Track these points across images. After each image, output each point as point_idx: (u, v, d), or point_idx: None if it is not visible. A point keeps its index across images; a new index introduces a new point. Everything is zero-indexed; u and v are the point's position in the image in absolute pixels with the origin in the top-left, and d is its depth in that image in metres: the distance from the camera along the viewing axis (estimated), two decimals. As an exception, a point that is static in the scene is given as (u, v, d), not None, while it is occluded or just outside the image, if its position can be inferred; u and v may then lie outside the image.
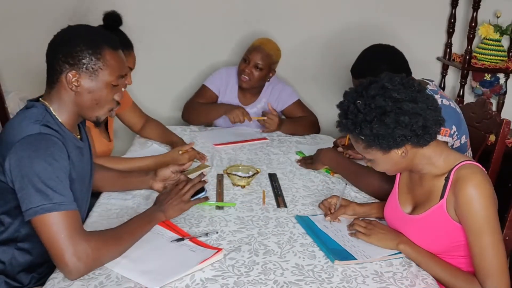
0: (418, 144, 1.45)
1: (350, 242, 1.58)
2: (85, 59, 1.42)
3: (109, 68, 1.46)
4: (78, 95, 1.45)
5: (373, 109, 1.41)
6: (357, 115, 1.43)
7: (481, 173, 1.43)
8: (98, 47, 1.44)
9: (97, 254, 1.33)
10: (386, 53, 2.20)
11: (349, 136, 1.53)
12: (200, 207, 1.78)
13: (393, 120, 1.39)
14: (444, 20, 3.18)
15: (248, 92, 2.70)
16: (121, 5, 3.05)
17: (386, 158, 1.48)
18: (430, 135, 1.44)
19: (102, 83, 1.45)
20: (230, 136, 2.52)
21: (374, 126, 1.40)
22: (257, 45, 2.63)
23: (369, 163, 1.56)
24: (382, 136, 1.41)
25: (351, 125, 1.45)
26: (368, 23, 3.12)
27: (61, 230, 1.29)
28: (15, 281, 1.49)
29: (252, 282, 1.36)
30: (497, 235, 1.40)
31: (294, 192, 1.96)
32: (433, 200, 1.50)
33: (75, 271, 1.30)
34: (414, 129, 1.40)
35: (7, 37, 3.12)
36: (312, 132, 2.67)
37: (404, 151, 1.46)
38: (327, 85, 3.26)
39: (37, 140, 1.34)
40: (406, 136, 1.41)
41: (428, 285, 1.41)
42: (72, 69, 1.42)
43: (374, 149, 1.46)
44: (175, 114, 3.04)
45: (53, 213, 1.29)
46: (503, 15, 3.02)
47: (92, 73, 1.44)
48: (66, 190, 1.34)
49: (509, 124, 2.04)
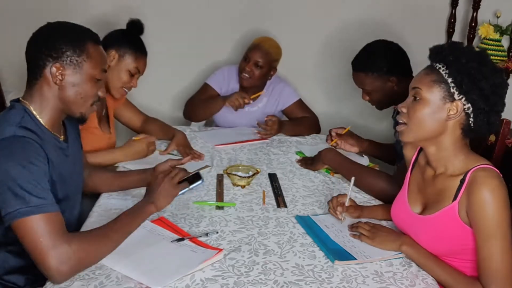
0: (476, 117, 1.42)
1: (350, 243, 1.58)
2: (68, 51, 1.42)
3: (93, 60, 1.46)
4: (62, 89, 1.44)
5: (477, 55, 1.44)
6: (461, 49, 1.45)
7: (497, 177, 1.41)
8: (81, 40, 1.45)
9: (79, 255, 1.30)
10: (387, 50, 2.20)
11: (427, 67, 1.50)
12: (200, 207, 1.78)
13: (489, 73, 1.40)
14: (444, 20, 3.18)
15: (249, 91, 2.70)
16: (121, 4, 3.07)
17: (436, 106, 1.44)
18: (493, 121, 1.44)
19: (86, 75, 1.45)
20: (230, 137, 2.52)
21: (471, 64, 1.41)
22: (257, 43, 2.63)
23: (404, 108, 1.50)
24: (468, 76, 1.40)
25: (448, 50, 1.44)
26: (369, 22, 3.12)
27: (40, 233, 1.27)
28: (9, 282, 1.49)
29: (252, 282, 1.36)
30: (507, 241, 1.38)
31: (294, 192, 1.96)
32: (446, 201, 1.47)
33: (58, 275, 1.28)
34: (490, 102, 1.41)
35: (7, 37, 3.12)
36: (313, 132, 2.67)
37: (455, 113, 1.43)
38: (327, 85, 3.26)
39: (12, 144, 1.32)
40: (481, 96, 1.40)
41: (428, 285, 1.41)
42: (56, 61, 1.42)
43: (441, 89, 1.43)
44: (176, 114, 3.05)
45: (31, 216, 1.27)
46: (503, 15, 3.02)
47: (76, 65, 1.44)
48: (44, 192, 1.32)
49: (509, 124, 2.04)
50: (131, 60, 2.16)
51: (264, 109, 2.74)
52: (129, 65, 2.16)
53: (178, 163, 1.82)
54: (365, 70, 2.20)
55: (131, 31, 2.22)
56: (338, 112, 3.23)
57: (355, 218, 1.72)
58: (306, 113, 2.74)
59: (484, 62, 1.44)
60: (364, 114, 3.14)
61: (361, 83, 2.26)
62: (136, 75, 2.21)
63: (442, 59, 1.45)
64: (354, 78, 2.28)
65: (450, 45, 1.48)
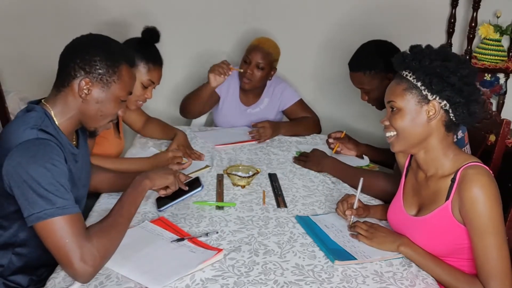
0: (455, 111, 1.44)
1: (350, 243, 1.58)
2: (101, 70, 1.43)
3: (123, 83, 1.47)
4: (85, 103, 1.45)
5: (439, 53, 1.46)
6: (422, 52, 1.47)
7: (487, 174, 1.43)
8: (117, 60, 1.45)
9: (102, 250, 1.32)
10: (382, 48, 2.21)
11: (396, 76, 1.52)
12: (200, 207, 1.78)
13: (454, 67, 1.42)
14: (444, 20, 3.18)
15: (250, 92, 2.70)
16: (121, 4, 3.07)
17: (415, 112, 1.46)
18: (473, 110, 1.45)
19: (112, 96, 1.47)
20: (230, 137, 2.51)
21: (435, 63, 1.42)
22: (256, 44, 2.62)
23: (386, 121, 1.53)
24: (435, 76, 1.42)
25: (411, 56, 1.46)
26: (369, 22, 3.12)
27: (66, 235, 1.28)
28: (13, 283, 1.49)
29: (252, 282, 1.36)
30: (501, 237, 1.39)
31: (294, 192, 1.96)
32: (439, 202, 1.49)
33: (85, 274, 1.30)
34: (464, 94, 1.42)
35: (7, 37, 3.12)
36: (314, 132, 2.67)
37: (434, 113, 1.45)
38: (327, 85, 3.26)
39: (35, 146, 1.33)
40: (453, 90, 1.42)
41: (428, 285, 1.41)
42: (87, 76, 1.42)
43: (414, 95, 1.45)
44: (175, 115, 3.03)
45: (56, 218, 1.28)
46: (503, 15, 3.02)
47: (105, 84, 1.45)
48: (67, 193, 1.33)
49: (509, 124, 2.04)
50: (144, 72, 2.08)
51: (265, 110, 2.73)
52: (142, 78, 2.08)
53: (180, 168, 1.83)
54: (362, 69, 2.20)
55: (146, 40, 2.12)
56: (337, 113, 3.22)
57: (360, 217, 1.72)
58: (307, 113, 2.74)
59: (447, 57, 1.46)
60: (363, 115, 3.13)
61: (359, 83, 2.26)
62: (151, 86, 2.14)
63: (407, 66, 1.47)
64: (352, 79, 2.28)
65: (410, 50, 1.51)
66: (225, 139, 2.47)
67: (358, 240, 1.59)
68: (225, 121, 2.73)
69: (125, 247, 1.45)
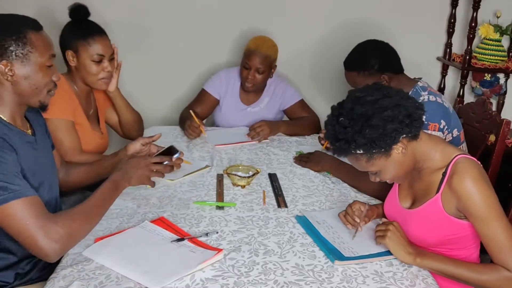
0: (411, 133, 1.47)
1: (340, 239, 1.59)
2: (11, 46, 1.42)
3: (39, 49, 1.46)
4: (15, 84, 1.45)
5: (357, 119, 1.44)
6: (345, 132, 1.45)
7: (475, 166, 1.46)
8: (21, 32, 1.43)
9: (68, 230, 1.34)
10: (377, 48, 2.21)
11: (348, 159, 1.54)
12: (200, 207, 1.78)
13: (379, 119, 1.42)
14: (444, 20, 3.18)
15: (250, 92, 2.70)
16: (121, 4, 3.07)
17: (390, 161, 1.49)
18: (417, 121, 1.47)
19: (35, 66, 1.46)
20: (230, 137, 2.52)
21: (366, 132, 1.42)
22: (253, 49, 2.59)
23: (377, 178, 1.56)
24: (377, 138, 1.43)
25: (345, 144, 1.46)
26: (368, 22, 3.11)
27: (25, 217, 1.30)
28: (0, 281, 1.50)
29: (252, 282, 1.36)
30: (504, 219, 1.42)
31: (294, 192, 1.96)
32: (430, 194, 1.53)
33: (51, 252, 1.32)
34: (401, 119, 1.43)
35: None
36: (314, 132, 2.67)
37: (403, 147, 1.48)
38: (326, 84, 3.26)
39: None
40: (397, 129, 1.43)
41: (428, 285, 1.41)
42: (2, 59, 1.41)
43: (376, 157, 1.48)
44: (174, 115, 3.04)
45: (11, 202, 1.30)
46: (503, 15, 3.02)
47: (23, 58, 1.44)
48: (18, 179, 1.35)
49: (509, 124, 2.04)
50: (87, 49, 2.06)
51: (266, 109, 2.74)
52: (88, 55, 2.07)
53: (149, 140, 1.83)
54: (357, 69, 2.20)
55: (76, 19, 2.10)
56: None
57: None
58: (307, 113, 2.74)
59: (353, 107, 1.45)
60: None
61: (353, 82, 2.26)
62: (104, 59, 2.10)
63: (343, 146, 1.47)
64: (347, 78, 2.28)
65: (333, 129, 1.49)
66: (225, 139, 2.47)
67: (376, 242, 1.55)
68: (225, 120, 2.73)
69: (125, 247, 1.46)
